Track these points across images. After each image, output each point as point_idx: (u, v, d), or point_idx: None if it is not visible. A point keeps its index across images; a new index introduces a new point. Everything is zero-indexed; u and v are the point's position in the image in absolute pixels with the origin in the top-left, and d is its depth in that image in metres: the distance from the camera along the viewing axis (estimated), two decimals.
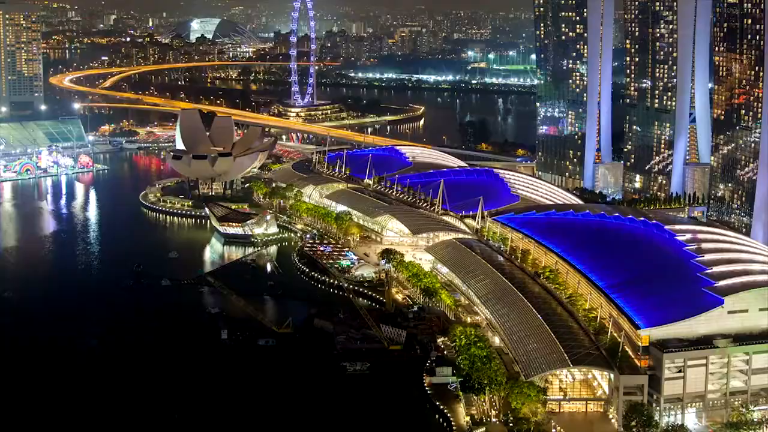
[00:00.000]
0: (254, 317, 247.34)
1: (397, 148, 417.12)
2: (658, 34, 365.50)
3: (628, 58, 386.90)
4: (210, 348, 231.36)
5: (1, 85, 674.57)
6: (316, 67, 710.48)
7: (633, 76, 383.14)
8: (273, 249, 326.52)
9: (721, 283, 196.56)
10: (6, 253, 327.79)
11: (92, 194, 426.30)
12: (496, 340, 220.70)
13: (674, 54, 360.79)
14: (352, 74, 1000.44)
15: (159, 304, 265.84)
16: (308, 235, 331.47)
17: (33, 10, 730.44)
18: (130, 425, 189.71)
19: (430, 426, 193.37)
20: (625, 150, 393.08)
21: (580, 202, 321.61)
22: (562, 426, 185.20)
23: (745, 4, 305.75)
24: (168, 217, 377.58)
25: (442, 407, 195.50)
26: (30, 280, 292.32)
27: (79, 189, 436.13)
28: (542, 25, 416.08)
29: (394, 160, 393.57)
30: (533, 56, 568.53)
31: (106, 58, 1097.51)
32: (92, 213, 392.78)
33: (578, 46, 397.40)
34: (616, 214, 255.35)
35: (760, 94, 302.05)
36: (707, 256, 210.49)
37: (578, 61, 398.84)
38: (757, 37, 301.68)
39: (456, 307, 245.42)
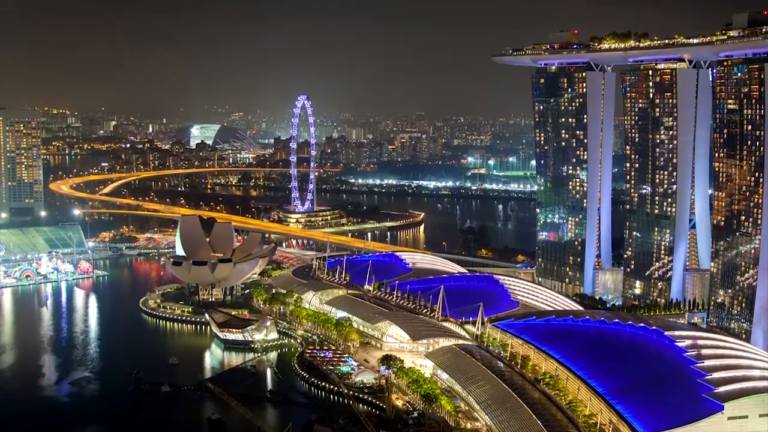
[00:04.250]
0: (254, 423, 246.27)
1: (397, 254, 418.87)
2: (658, 140, 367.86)
3: (628, 164, 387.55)
4: None
5: (1, 191, 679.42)
6: (316, 173, 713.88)
7: (633, 181, 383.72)
8: (273, 355, 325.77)
9: (721, 389, 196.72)
10: (5, 359, 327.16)
11: (92, 300, 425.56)
12: None
13: (674, 160, 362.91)
14: (352, 180, 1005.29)
15: (159, 410, 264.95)
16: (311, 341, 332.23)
17: (33, 116, 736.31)
18: None
19: None
20: (625, 256, 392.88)
21: (580, 308, 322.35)
22: None
23: (745, 110, 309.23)
24: (168, 323, 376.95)
25: None
26: (29, 387, 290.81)
27: (79, 295, 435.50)
28: (542, 130, 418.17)
29: (394, 266, 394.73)
30: (533, 162, 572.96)
31: (106, 164, 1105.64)
32: (92, 319, 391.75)
33: (578, 151, 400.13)
34: (616, 320, 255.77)
35: (760, 201, 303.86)
36: (707, 362, 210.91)
37: (578, 167, 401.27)
38: (757, 143, 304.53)
39: (456, 413, 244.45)
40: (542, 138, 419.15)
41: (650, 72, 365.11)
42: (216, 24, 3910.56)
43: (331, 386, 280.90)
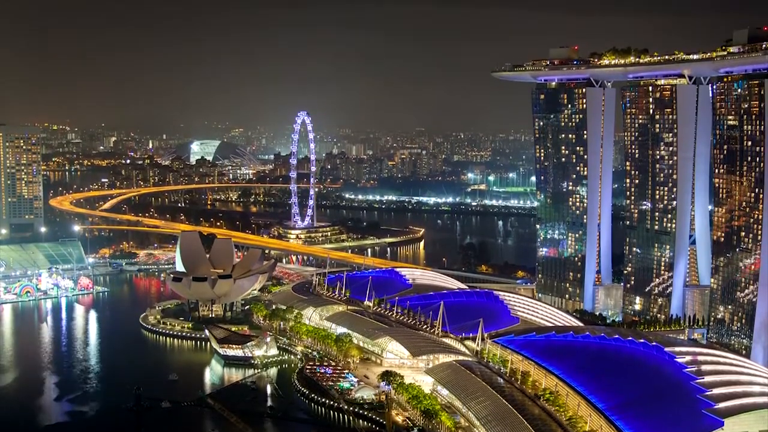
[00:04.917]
0: None
1: (397, 270, 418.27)
2: (658, 156, 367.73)
3: (628, 180, 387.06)
4: None
5: (1, 207, 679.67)
6: (316, 189, 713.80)
7: (633, 197, 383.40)
8: (273, 371, 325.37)
9: (721, 404, 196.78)
10: (5, 375, 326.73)
11: (92, 316, 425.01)
12: None
13: (674, 176, 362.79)
14: (352, 196, 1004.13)
15: (159, 427, 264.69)
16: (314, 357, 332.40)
17: (33, 132, 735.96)
18: None
19: None
20: (625, 272, 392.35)
21: (580, 324, 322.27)
22: None
23: (745, 126, 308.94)
24: (168, 339, 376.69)
25: None
26: (29, 403, 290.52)
27: (79, 311, 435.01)
28: (542, 146, 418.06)
29: (394, 282, 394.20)
30: (533, 178, 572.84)
31: (106, 179, 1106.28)
32: (92, 335, 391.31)
33: (578, 167, 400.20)
34: (616, 336, 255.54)
35: (760, 216, 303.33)
36: (707, 378, 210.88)
37: (578, 183, 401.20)
38: (757, 159, 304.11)
39: (456, 429, 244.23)
40: (542, 154, 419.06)
41: (650, 88, 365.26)
42: (216, 34, 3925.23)
43: (331, 402, 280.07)
